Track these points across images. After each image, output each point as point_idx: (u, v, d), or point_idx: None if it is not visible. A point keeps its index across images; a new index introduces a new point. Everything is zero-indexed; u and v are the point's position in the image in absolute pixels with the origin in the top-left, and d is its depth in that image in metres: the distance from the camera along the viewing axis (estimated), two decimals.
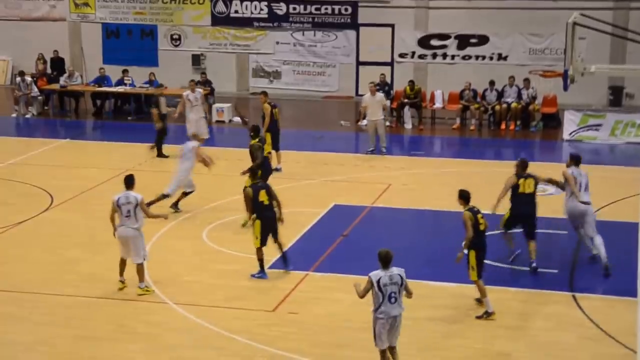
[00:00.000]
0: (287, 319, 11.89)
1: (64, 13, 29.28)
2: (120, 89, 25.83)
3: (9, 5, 29.64)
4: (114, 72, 26.59)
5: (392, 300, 9.88)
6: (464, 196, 12.06)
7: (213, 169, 16.86)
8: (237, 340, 11.21)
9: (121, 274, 12.76)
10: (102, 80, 26.33)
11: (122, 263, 12.76)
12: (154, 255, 13.98)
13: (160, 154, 20.39)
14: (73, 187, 17.83)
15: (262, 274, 13.32)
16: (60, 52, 28.17)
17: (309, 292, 12.80)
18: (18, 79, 25.77)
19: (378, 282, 9.88)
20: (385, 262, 10.01)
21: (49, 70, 27.45)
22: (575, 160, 14.16)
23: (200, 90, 21.25)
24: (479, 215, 11.96)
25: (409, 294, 10.12)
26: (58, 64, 27.72)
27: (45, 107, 26.21)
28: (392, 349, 10.15)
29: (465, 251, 11.91)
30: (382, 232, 15.45)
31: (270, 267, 13.60)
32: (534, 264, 13.42)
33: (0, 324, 11.74)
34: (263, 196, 13.27)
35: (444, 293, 12.62)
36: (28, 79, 25.74)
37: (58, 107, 26.41)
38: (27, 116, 25.58)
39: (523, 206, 13.54)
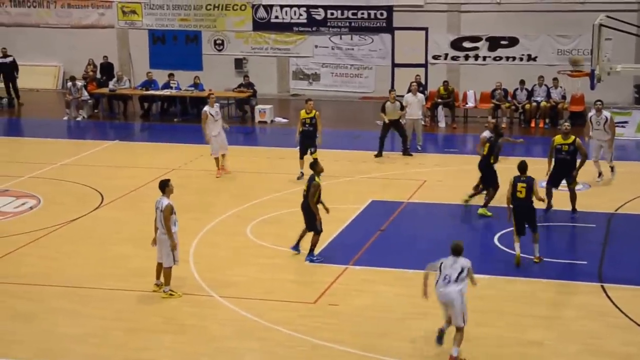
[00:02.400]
0: (328, 310, 12.16)
1: (112, 20, 29.94)
2: (166, 92, 26.38)
3: (60, 13, 30.28)
4: (160, 76, 27.18)
5: (446, 281, 10.65)
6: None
7: (256, 167, 17.23)
8: (279, 331, 11.48)
9: (157, 277, 12.91)
10: (149, 84, 26.91)
11: (158, 266, 12.88)
12: (200, 250, 14.60)
13: None
14: (122, 186, 18.34)
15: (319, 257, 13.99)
16: (109, 58, 28.70)
17: (348, 284, 13.09)
18: (69, 83, 26.37)
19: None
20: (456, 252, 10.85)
21: (98, 75, 28.01)
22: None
23: (218, 105, 20.34)
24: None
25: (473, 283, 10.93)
26: (107, 69, 28.27)
27: (95, 111, 26.77)
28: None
29: None
30: (418, 227, 15.89)
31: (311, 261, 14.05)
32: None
33: (54, 318, 12.08)
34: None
35: (478, 284, 12.86)
36: (79, 83, 26.32)
37: (107, 110, 26.99)
38: (78, 119, 26.11)
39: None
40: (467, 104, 26.10)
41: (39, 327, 11.80)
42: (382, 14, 27.93)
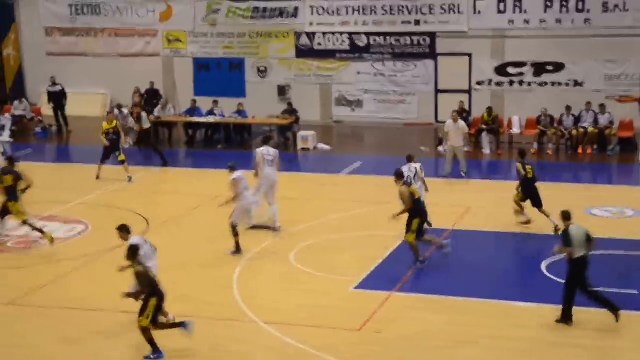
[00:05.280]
0: (373, 338, 12.11)
1: (157, 49, 30.40)
2: (210, 119, 26.68)
3: (107, 42, 30.81)
4: (204, 103, 27.57)
5: None
6: None
7: (299, 193, 17.25)
8: (324, 358, 11.48)
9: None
10: (193, 111, 27.28)
11: None
12: (244, 276, 14.67)
13: None
14: (167, 212, 18.55)
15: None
16: (154, 85, 29.14)
17: (393, 311, 13.04)
18: (116, 111, 26.76)
19: None
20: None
21: (144, 103, 28.37)
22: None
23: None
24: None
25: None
26: (152, 96, 28.67)
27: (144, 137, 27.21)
28: None
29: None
30: (463, 254, 15.73)
31: (357, 287, 14.06)
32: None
33: (100, 342, 12.20)
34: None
35: (525, 313, 12.81)
36: (125, 110, 26.70)
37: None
38: (125, 146, 26.57)
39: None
40: (512, 130, 25.96)
41: (85, 351, 11.94)
42: (425, 40, 27.99)
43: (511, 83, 27.33)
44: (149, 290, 11.68)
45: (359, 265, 15.03)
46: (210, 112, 27.00)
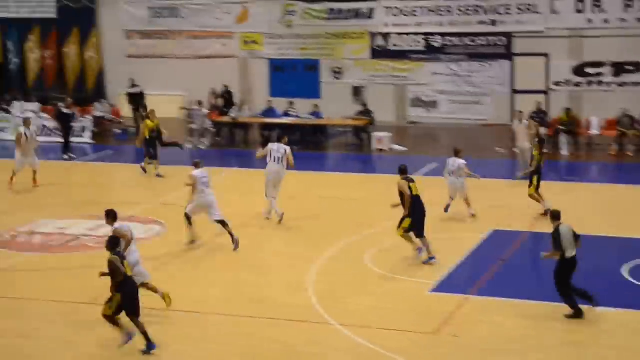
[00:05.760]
0: (449, 341, 12.02)
1: (234, 50, 30.65)
2: (285, 120, 26.92)
3: (185, 45, 31.22)
4: (279, 104, 27.79)
5: None
6: None
7: (374, 195, 17.33)
8: None
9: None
10: (269, 112, 27.59)
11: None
12: (318, 278, 14.71)
13: None
14: (242, 213, 18.65)
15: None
16: (230, 87, 29.37)
17: (471, 315, 12.94)
18: (194, 106, 27.22)
19: None
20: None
21: (220, 104, 28.66)
22: None
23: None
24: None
25: None
26: (228, 97, 28.94)
27: (217, 138, 27.60)
28: None
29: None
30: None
31: (433, 290, 13.99)
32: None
33: (179, 342, 12.33)
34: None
35: (608, 319, 12.59)
36: (205, 110, 27.23)
37: (229, 138, 27.80)
38: (201, 147, 26.93)
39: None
40: (590, 131, 25.47)
41: (164, 350, 12.07)
42: (501, 40, 27.69)
43: (589, 83, 26.80)
44: (118, 280, 11.79)
45: (434, 267, 14.94)
46: (286, 113, 27.16)
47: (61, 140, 26.25)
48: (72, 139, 26.71)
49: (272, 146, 18.41)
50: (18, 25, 32.93)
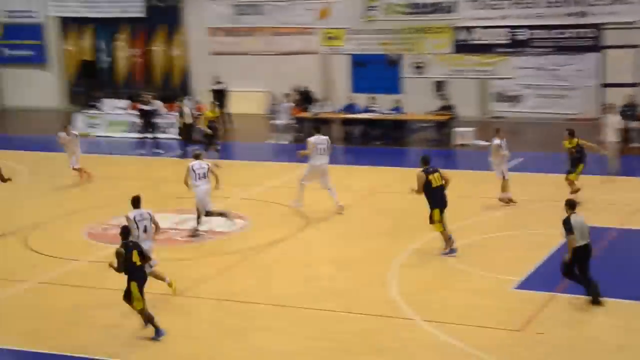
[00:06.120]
0: (535, 339, 11.85)
1: (315, 46, 30.80)
2: (367, 115, 26.90)
3: (267, 41, 31.48)
4: (361, 99, 27.77)
5: None
6: None
7: (456, 191, 17.18)
8: (483, 358, 11.34)
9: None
10: (350, 107, 27.62)
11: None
12: (401, 273, 14.66)
13: None
14: (325, 208, 18.71)
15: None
16: (312, 82, 29.52)
17: (557, 313, 12.74)
18: (279, 101, 27.45)
19: None
20: None
21: (300, 100, 28.67)
22: None
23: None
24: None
25: None
26: (310, 93, 29.04)
27: (299, 134, 27.78)
28: None
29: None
30: (630, 254, 15.26)
31: (517, 287, 13.78)
32: None
33: (263, 335, 12.47)
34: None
35: None
36: (287, 104, 27.43)
37: (310, 134, 27.76)
38: (284, 142, 27.16)
39: None
40: None
41: (249, 344, 12.25)
42: (590, 32, 27.09)
43: None
44: (122, 270, 12.13)
45: (519, 264, 14.72)
46: (367, 109, 27.15)
47: (149, 136, 26.81)
48: (159, 135, 27.21)
49: (315, 140, 18.43)
50: (108, 24, 33.76)
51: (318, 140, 18.42)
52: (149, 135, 26.62)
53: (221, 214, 17.38)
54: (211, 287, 14.55)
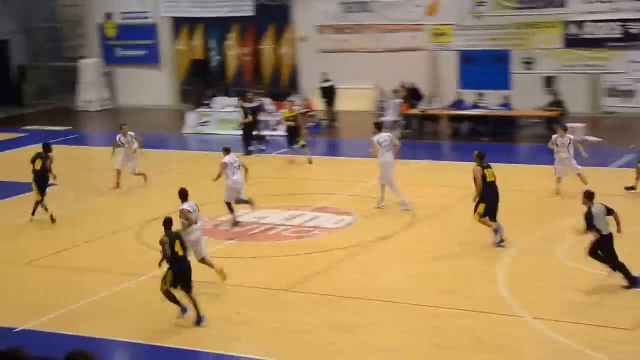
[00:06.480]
0: None
1: (423, 43, 30.72)
2: (475, 112, 26.70)
3: (375, 38, 31.55)
4: (469, 96, 27.57)
5: None
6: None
7: (566, 188, 16.93)
8: (596, 357, 11.22)
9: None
10: (458, 104, 27.48)
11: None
12: (510, 269, 14.58)
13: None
14: (432, 205, 18.81)
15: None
16: (419, 79, 29.39)
17: None
18: (388, 97, 27.55)
19: None
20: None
21: (409, 97, 28.59)
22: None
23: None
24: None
25: None
26: (417, 90, 28.95)
27: (407, 131, 27.71)
28: None
29: None
30: None
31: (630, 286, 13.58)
32: None
33: (371, 331, 12.59)
34: None
35: None
36: (394, 101, 27.49)
37: (418, 130, 27.79)
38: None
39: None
40: None
41: (359, 339, 12.41)
42: None
43: None
44: (166, 259, 12.85)
45: (630, 262, 14.39)
46: (475, 105, 26.97)
47: (258, 134, 27.27)
48: (266, 133, 27.65)
49: (378, 138, 18.84)
50: (218, 24, 34.54)
51: (381, 138, 18.83)
52: (253, 132, 27.06)
53: (247, 202, 18.07)
54: (320, 283, 14.75)
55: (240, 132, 26.15)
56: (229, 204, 17.97)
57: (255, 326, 13.07)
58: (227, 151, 18.23)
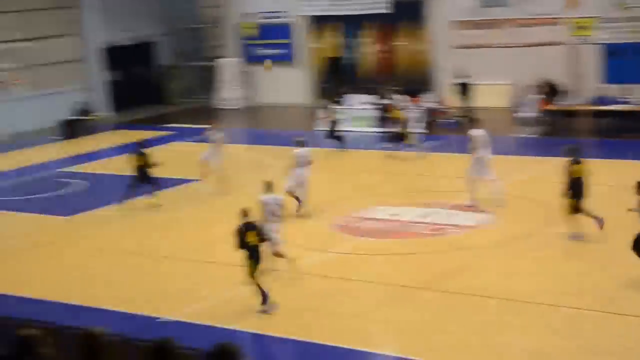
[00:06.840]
0: None
1: (561, 37, 29.81)
2: (621, 107, 25.76)
3: (511, 33, 30.91)
4: (614, 90, 26.66)
5: None
6: None
7: None
8: None
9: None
10: (601, 99, 26.51)
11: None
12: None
13: None
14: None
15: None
16: (557, 74, 28.65)
17: None
18: (526, 93, 26.90)
19: None
20: None
21: (546, 93, 27.98)
22: None
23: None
24: None
25: None
26: (554, 85, 28.23)
27: (548, 127, 26.81)
28: None
29: None
30: None
31: None
32: None
33: (505, 331, 12.44)
34: None
35: None
36: (532, 97, 26.84)
37: (558, 127, 26.98)
38: (530, 135, 26.58)
39: None
40: None
41: (495, 340, 12.24)
42: None
43: None
44: (238, 247, 13.24)
45: None
46: (620, 100, 25.98)
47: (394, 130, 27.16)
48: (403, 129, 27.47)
49: (476, 133, 19.14)
50: (354, 21, 34.67)
51: (478, 133, 19.06)
52: (386, 129, 26.99)
53: (297, 198, 18.54)
54: (455, 281, 14.62)
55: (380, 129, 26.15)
56: (292, 194, 18.49)
57: (380, 323, 13.05)
58: (299, 143, 18.89)
